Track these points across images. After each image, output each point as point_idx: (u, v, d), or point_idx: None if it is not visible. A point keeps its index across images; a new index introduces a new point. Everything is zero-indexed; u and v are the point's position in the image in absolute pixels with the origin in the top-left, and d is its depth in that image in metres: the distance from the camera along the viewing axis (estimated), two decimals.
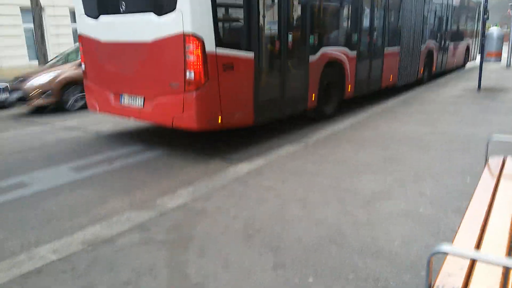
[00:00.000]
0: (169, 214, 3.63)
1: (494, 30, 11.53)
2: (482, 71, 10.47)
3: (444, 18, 13.20)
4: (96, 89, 6.59)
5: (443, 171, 4.44)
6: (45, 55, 13.38)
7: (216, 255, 2.91)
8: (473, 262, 1.84)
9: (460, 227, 2.21)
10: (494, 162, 3.25)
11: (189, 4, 4.92)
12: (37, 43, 13.21)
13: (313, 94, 7.12)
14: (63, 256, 2.98)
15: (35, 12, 12.79)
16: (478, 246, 2.03)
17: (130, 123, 8.13)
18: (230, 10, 5.85)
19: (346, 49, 7.94)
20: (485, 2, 10.49)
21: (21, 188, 4.81)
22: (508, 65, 16.58)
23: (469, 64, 17.58)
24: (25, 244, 3.43)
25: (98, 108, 6.68)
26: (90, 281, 2.67)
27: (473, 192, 2.71)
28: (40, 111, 9.90)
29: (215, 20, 5.14)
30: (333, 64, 7.57)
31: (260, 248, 2.98)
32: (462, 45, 15.70)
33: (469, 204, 2.52)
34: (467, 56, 16.90)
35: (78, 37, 6.72)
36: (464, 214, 2.37)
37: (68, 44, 18.14)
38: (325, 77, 7.34)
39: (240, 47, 5.58)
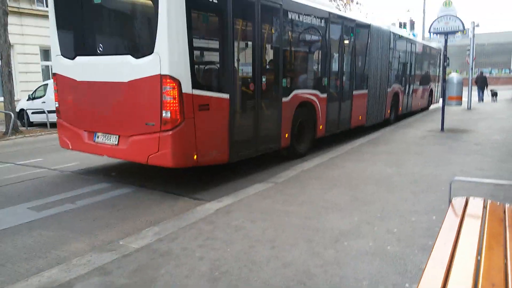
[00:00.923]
0: (132, 256, 3.48)
1: (454, 76, 12.16)
2: (445, 114, 10.92)
3: (408, 64, 14.08)
4: (69, 127, 6.63)
5: (409, 210, 4.50)
6: (11, 93, 13.09)
7: None
8: None
9: (426, 269, 2.20)
10: (457, 202, 3.32)
11: (167, 47, 5.13)
12: (4, 81, 12.95)
13: (286, 134, 7.39)
14: None
15: (3, 50, 12.61)
16: (444, 287, 2.03)
17: (96, 161, 7.94)
18: (206, 54, 6.09)
19: (317, 92, 8.33)
20: (444, 50, 11.11)
21: None
22: (468, 108, 17.40)
23: (433, 106, 18.46)
24: None
25: (70, 146, 6.71)
26: None
27: (438, 232, 2.73)
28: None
29: (192, 62, 5.35)
30: (305, 105, 7.93)
31: None
32: (425, 89, 16.67)
33: (434, 243, 2.53)
34: (430, 99, 17.98)
35: (53, 77, 6.83)
36: (430, 254, 2.37)
37: (37, 82, 17.91)
38: (298, 117, 7.66)
39: (215, 89, 5.85)
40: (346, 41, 9.64)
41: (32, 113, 15.37)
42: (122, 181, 6.44)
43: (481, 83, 23.67)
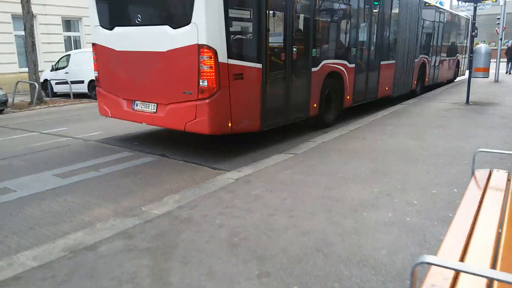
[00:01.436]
0: (154, 222, 3.57)
1: (482, 47, 11.70)
2: (471, 86, 10.60)
3: (436, 34, 13.76)
4: (108, 95, 6.83)
5: (430, 183, 4.45)
6: (35, 63, 13.30)
7: (200, 263, 2.86)
8: (457, 274, 1.82)
9: (445, 238, 2.19)
10: (480, 174, 3.26)
11: (204, 18, 5.28)
12: (28, 51, 13.13)
13: (315, 103, 7.55)
14: (44, 263, 2.91)
15: (26, 20, 12.73)
16: (462, 257, 2.01)
17: (119, 130, 8.08)
18: (240, 24, 6.24)
19: (345, 62, 8.42)
20: (473, 20, 10.68)
21: (4, 194, 4.73)
22: (495, 80, 16.84)
23: (459, 78, 17.97)
24: (5, 250, 3.35)
25: (110, 113, 6.93)
26: None
27: (459, 204, 2.70)
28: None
29: (228, 33, 5.50)
30: (334, 75, 8.02)
31: (245, 257, 2.93)
32: (452, 60, 16.35)
33: (455, 215, 2.51)
34: (457, 71, 17.61)
35: (92, 46, 6.99)
36: (450, 225, 2.36)
37: (59, 52, 18.09)
38: (326, 87, 7.80)
39: (249, 59, 5.95)
40: (375, 10, 9.57)
41: (56, 83, 15.62)
42: (144, 151, 6.55)
43: (511, 54, 22.85)
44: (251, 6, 6.08)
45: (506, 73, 22.28)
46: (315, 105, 7.54)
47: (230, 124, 5.73)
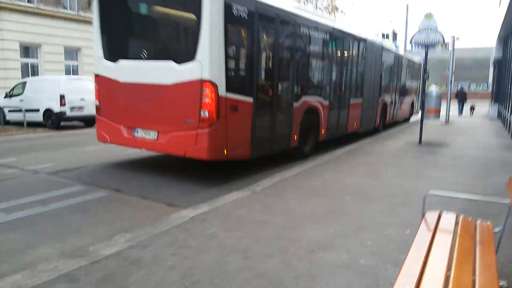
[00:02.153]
0: (102, 263, 3.39)
1: (433, 90, 12.35)
2: (423, 127, 11.08)
3: (395, 76, 15.15)
4: (109, 123, 7.25)
5: (384, 223, 4.52)
6: None
7: None
8: None
9: (396, 283, 2.20)
10: (430, 217, 3.34)
11: (208, 56, 5.93)
12: None
13: (295, 135, 8.27)
14: None
15: None
16: None
17: (71, 162, 7.80)
18: (236, 62, 6.84)
19: (321, 99, 9.28)
20: (425, 63, 11.30)
21: None
22: (447, 121, 17.72)
23: (413, 118, 18.90)
24: None
25: (109, 139, 7.34)
26: None
27: (410, 247, 2.74)
28: None
29: (226, 69, 6.18)
30: (311, 111, 8.81)
31: None
32: (408, 101, 17.59)
33: (405, 258, 2.54)
34: (412, 110, 18.96)
35: (95, 77, 7.37)
36: (400, 269, 2.37)
37: (15, 79, 17.51)
38: (305, 121, 8.53)
39: (243, 93, 6.60)
40: (345, 53, 10.60)
41: (9, 111, 15.03)
42: (98, 184, 6.31)
43: (461, 97, 24.46)
44: (245, 47, 6.79)
45: (459, 114, 23.56)
46: (295, 137, 8.23)
47: (225, 152, 6.35)
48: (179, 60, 6.23)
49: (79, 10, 20.63)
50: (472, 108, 24.43)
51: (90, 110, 14.84)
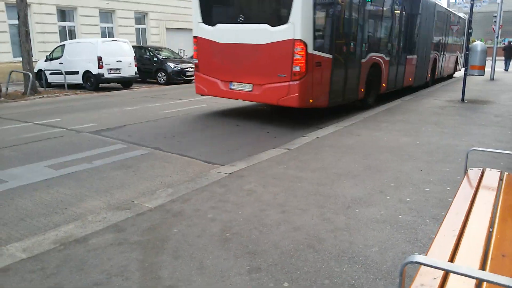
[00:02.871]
0: (146, 215, 3.55)
1: (477, 44, 11.73)
2: (467, 83, 10.61)
3: (443, 33, 15.44)
4: (207, 78, 8.47)
5: (423, 180, 4.46)
6: (29, 53, 13.17)
7: (191, 258, 2.85)
8: (446, 274, 1.82)
9: (436, 237, 2.19)
10: (473, 173, 3.26)
11: (300, 19, 7.00)
12: (22, 41, 12.99)
13: (362, 88, 9.22)
14: (33, 255, 2.89)
15: (20, 9, 12.58)
16: (453, 257, 2.01)
17: (113, 122, 8.03)
18: (320, 25, 7.69)
19: (383, 55, 10.16)
20: (469, 17, 10.67)
21: None
22: (491, 78, 16.88)
23: (457, 74, 18.28)
24: None
25: (207, 92, 8.62)
26: (58, 282, 2.58)
27: (452, 201, 2.71)
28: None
29: (313, 31, 7.22)
30: (375, 66, 9.72)
31: (236, 252, 2.93)
32: (454, 56, 17.79)
33: (446, 213, 2.51)
34: (456, 66, 18.93)
35: (194, 39, 8.57)
36: (441, 224, 2.36)
37: (54, 42, 17.92)
38: (370, 75, 9.47)
39: (325, 50, 7.66)
40: (404, 12, 11.31)
41: (50, 73, 15.49)
42: (138, 143, 6.51)
43: (509, 53, 23.11)
44: (327, 11, 7.81)
45: (505, 70, 22.42)
46: (362, 90, 9.20)
47: (311, 100, 7.51)
48: (273, 23, 7.32)
49: None
50: None
51: (126, 71, 15.14)
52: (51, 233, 3.23)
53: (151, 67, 17.35)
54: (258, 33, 7.48)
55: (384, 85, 10.36)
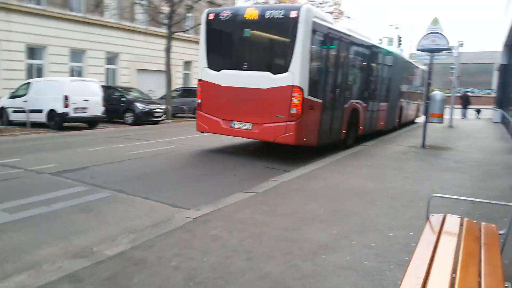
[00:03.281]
0: (106, 263, 3.39)
1: (437, 94, 12.37)
2: (427, 130, 11.07)
3: (409, 82, 17.37)
4: (208, 117, 9.26)
5: (388, 225, 4.51)
6: None
7: None
8: None
9: (402, 285, 2.19)
10: (435, 219, 3.33)
11: (299, 68, 8.02)
12: None
13: (344, 130, 10.24)
14: None
15: None
16: None
17: (75, 163, 7.81)
18: (313, 74, 8.56)
19: (361, 101, 11.29)
20: (429, 68, 11.29)
21: None
22: (450, 126, 17.69)
23: (418, 120, 19.23)
24: None
25: (207, 129, 9.40)
26: None
27: (415, 248, 2.74)
28: None
29: (309, 80, 8.23)
30: (354, 111, 10.79)
31: None
32: (415, 104, 19.51)
33: (410, 260, 2.53)
34: (418, 113, 20.31)
35: (198, 81, 9.52)
36: (405, 271, 2.37)
37: (20, 79, 17.55)
38: (350, 119, 10.48)
39: (316, 96, 8.62)
40: (378, 65, 13.02)
41: (13, 111, 15.07)
42: (101, 185, 6.32)
43: (465, 101, 24.61)
44: (319, 63, 8.88)
45: (462, 118, 23.65)
46: (344, 131, 10.23)
47: (305, 139, 8.41)
48: (274, 71, 8.33)
49: (86, 12, 20.72)
50: (478, 111, 25.09)
51: (93, 111, 14.92)
52: (0, 285, 3.02)
53: (119, 107, 17.20)
54: (260, 79, 8.43)
55: (361, 128, 11.43)
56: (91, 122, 15.51)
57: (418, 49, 10.96)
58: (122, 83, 22.52)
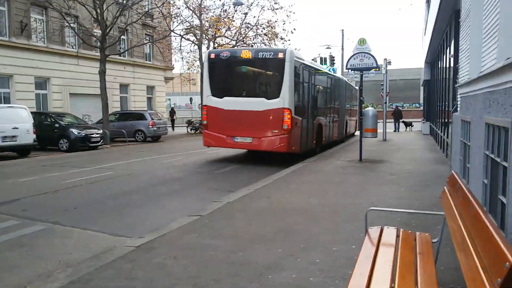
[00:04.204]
0: None
1: (369, 110, 13.08)
2: (363, 145, 11.58)
3: (349, 101, 20.63)
4: (214, 134, 11.70)
5: (331, 240, 4.62)
6: None
7: None
8: None
9: None
10: (373, 232, 3.48)
11: (287, 95, 10.78)
12: None
13: (314, 141, 13.23)
14: None
15: None
16: None
17: (5, 195, 7.29)
18: (296, 98, 11.34)
19: (323, 118, 14.37)
20: (360, 86, 11.94)
21: None
22: (384, 139, 18.64)
23: (357, 133, 20.14)
24: None
25: (213, 144, 11.97)
26: None
27: (355, 262, 2.83)
28: None
29: (294, 102, 11.05)
30: (319, 126, 13.81)
31: None
32: (354, 119, 21.65)
33: (351, 275, 2.61)
34: (356, 126, 21.71)
35: (203, 107, 12.03)
36: (348, 284, 2.44)
37: None
38: (316, 132, 13.43)
39: (299, 115, 11.46)
40: (333, 89, 16.66)
41: None
42: (35, 218, 5.94)
43: (397, 115, 26.07)
44: (297, 90, 11.50)
45: (394, 131, 25.02)
46: (314, 142, 13.20)
47: (293, 148, 11.13)
48: (268, 97, 11.07)
49: (11, 36, 19.68)
50: (409, 124, 26.76)
51: (23, 139, 14.10)
52: None
53: (52, 134, 16.38)
54: (257, 104, 11.01)
55: (324, 139, 14.44)
56: (22, 151, 14.61)
57: (347, 68, 11.60)
58: (54, 108, 21.49)
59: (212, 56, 11.83)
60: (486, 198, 4.33)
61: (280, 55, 10.86)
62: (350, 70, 12.10)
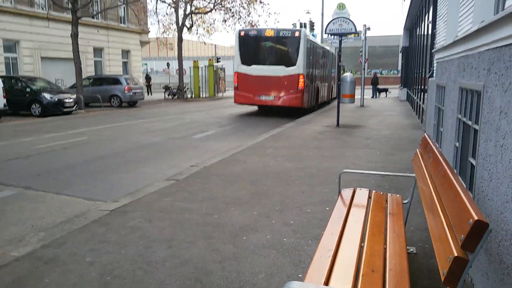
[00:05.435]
0: (12, 266, 3.13)
1: (347, 76, 13.04)
2: (340, 111, 11.63)
3: (333, 68, 23.24)
4: (243, 93, 15.31)
5: (305, 202, 4.69)
6: None
7: None
8: None
9: (313, 260, 2.27)
10: (346, 193, 3.52)
11: (302, 63, 14.63)
12: None
13: (314, 100, 16.93)
14: None
15: None
16: (329, 278, 2.10)
17: None
18: (307, 66, 15.16)
19: (320, 82, 18.24)
20: (339, 51, 11.86)
21: None
22: (362, 105, 18.79)
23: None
24: None
25: (243, 101, 15.46)
26: None
27: (327, 222, 2.87)
28: None
29: (307, 69, 15.08)
30: (317, 88, 17.62)
31: None
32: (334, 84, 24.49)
33: (322, 235, 2.64)
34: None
35: (235, 73, 15.40)
36: (317, 246, 2.47)
37: None
38: (316, 93, 17.24)
39: (309, 79, 15.55)
40: (327, 60, 20.55)
41: None
42: (5, 183, 5.81)
43: (375, 82, 26.22)
44: (309, 60, 15.21)
45: (372, 97, 25.21)
46: (314, 100, 16.85)
47: (304, 104, 14.93)
48: (287, 65, 14.67)
49: None
50: (385, 90, 26.80)
51: None
52: None
53: (23, 99, 15.86)
54: (277, 70, 14.72)
55: (319, 99, 18.20)
56: None
57: (326, 33, 11.46)
58: (25, 72, 20.71)
59: (242, 34, 15.28)
60: (457, 161, 4.42)
61: (296, 34, 14.60)
62: (329, 35, 11.94)
